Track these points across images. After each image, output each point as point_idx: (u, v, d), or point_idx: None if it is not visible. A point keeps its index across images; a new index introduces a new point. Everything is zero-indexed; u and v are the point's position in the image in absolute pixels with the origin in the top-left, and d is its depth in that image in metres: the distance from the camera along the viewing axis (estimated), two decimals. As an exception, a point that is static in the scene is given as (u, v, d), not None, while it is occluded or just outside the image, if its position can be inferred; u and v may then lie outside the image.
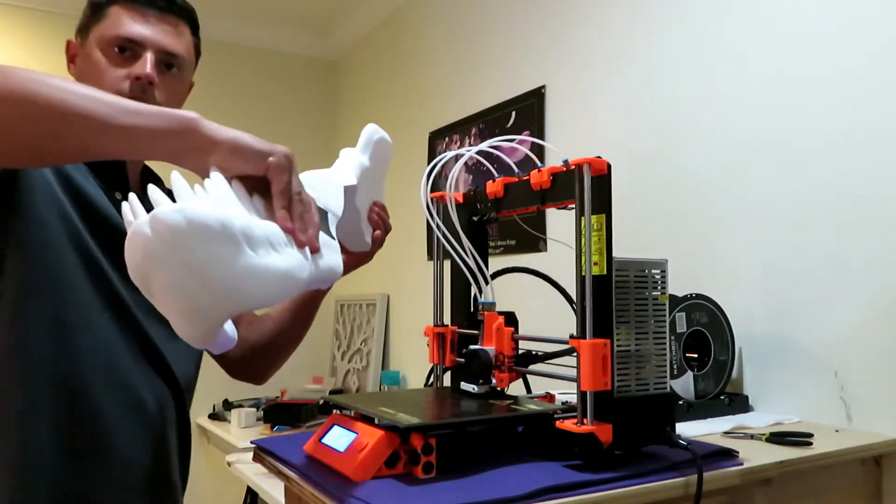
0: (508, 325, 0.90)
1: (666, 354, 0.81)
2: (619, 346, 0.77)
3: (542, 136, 1.92)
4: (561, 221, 1.66)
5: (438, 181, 0.96)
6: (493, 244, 2.04)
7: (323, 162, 0.84)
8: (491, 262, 1.00)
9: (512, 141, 0.95)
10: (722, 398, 1.25)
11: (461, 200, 0.99)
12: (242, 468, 2.00)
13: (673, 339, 1.20)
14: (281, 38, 3.22)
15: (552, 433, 0.77)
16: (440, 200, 0.98)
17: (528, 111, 1.99)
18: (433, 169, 0.94)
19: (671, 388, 0.93)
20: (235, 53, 3.12)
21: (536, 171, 0.86)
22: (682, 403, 1.18)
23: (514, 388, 0.92)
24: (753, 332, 1.32)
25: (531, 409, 0.82)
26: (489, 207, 0.95)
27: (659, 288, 0.81)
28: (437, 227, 0.94)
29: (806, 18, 1.26)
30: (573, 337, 0.76)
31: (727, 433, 1.05)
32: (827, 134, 1.22)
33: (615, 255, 0.77)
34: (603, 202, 0.77)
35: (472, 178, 2.14)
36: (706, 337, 1.25)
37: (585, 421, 0.74)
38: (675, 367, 1.20)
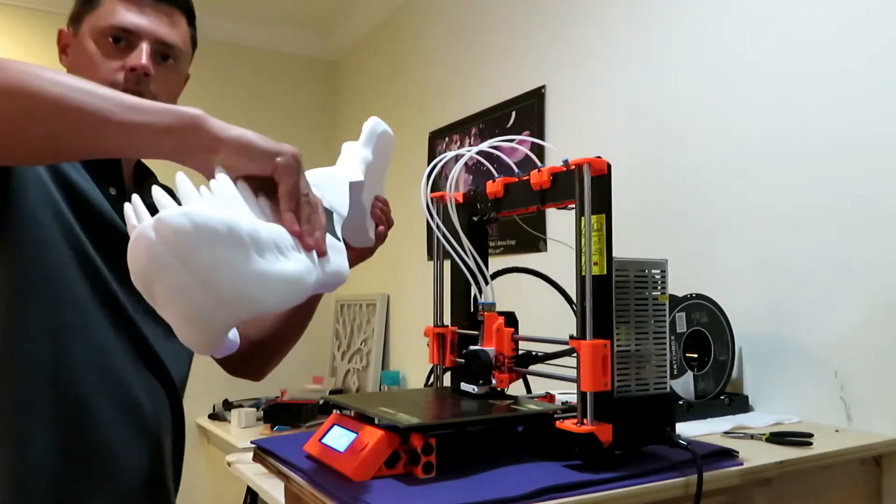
0: (508, 325, 0.90)
1: (666, 354, 0.81)
2: (619, 346, 0.77)
3: (542, 136, 1.92)
4: (561, 221, 1.66)
5: (438, 181, 0.96)
6: (493, 244, 2.04)
7: (323, 162, 0.82)
8: (491, 262, 1.00)
9: (512, 141, 0.95)
10: (722, 398, 1.25)
11: (461, 200, 0.99)
12: (242, 468, 2.00)
13: (673, 339, 1.20)
14: (281, 38, 3.22)
15: (552, 433, 0.77)
16: (440, 200, 0.98)
17: (528, 111, 1.99)
18: (433, 169, 0.94)
19: (671, 388, 0.93)
20: (235, 53, 3.12)
21: (536, 171, 0.86)
22: (682, 403, 1.18)
23: (514, 388, 0.92)
24: (753, 332, 1.32)
25: (531, 409, 0.82)
26: (489, 207, 0.95)
27: (659, 288, 0.81)
28: (437, 227, 0.94)
29: (806, 19, 1.26)
30: (573, 337, 0.77)
31: (727, 433, 1.05)
32: (827, 134, 1.22)
33: (615, 255, 0.77)
34: (603, 202, 0.77)
35: (472, 178, 2.15)
36: (706, 337, 1.25)
37: (585, 421, 0.75)
38: (675, 367, 1.20)
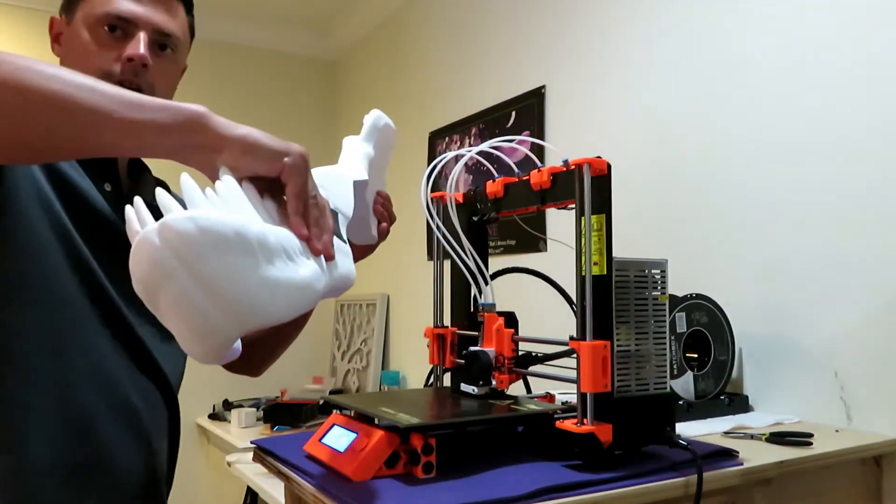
0: (508, 325, 0.90)
1: (666, 354, 0.81)
2: (619, 346, 0.77)
3: (542, 136, 1.92)
4: (561, 221, 1.66)
5: (438, 181, 0.95)
6: (493, 244, 2.04)
7: (323, 162, 0.79)
8: (491, 262, 1.00)
9: (512, 141, 0.95)
10: (722, 398, 1.25)
11: (461, 200, 0.99)
12: (242, 468, 2.00)
13: (673, 339, 1.20)
14: (281, 38, 3.22)
15: (552, 433, 0.77)
16: (440, 200, 0.98)
17: (528, 111, 1.99)
18: (433, 169, 0.94)
19: (671, 388, 0.93)
20: (235, 53, 3.13)
21: (536, 171, 0.86)
22: (682, 403, 1.18)
23: (514, 388, 0.92)
24: (753, 332, 1.32)
25: (531, 409, 0.82)
26: (489, 207, 0.95)
27: (659, 288, 0.81)
28: (437, 227, 0.94)
29: (806, 19, 1.26)
30: (573, 338, 0.77)
31: (727, 433, 1.05)
32: (827, 134, 1.22)
33: (615, 255, 0.77)
34: (603, 202, 0.77)
35: (472, 178, 2.15)
36: (706, 337, 1.25)
37: (585, 421, 0.75)
38: (675, 367, 1.20)
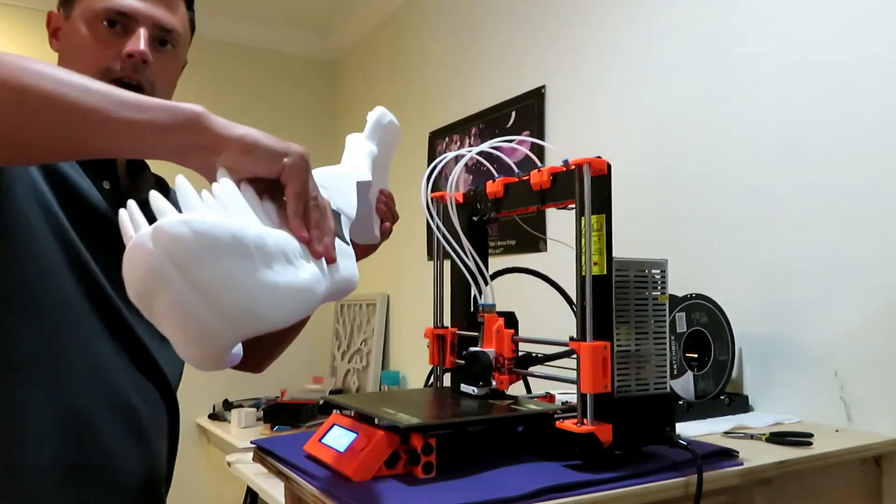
0: (508, 326, 0.90)
1: (666, 354, 0.81)
2: (619, 346, 0.77)
3: (542, 136, 1.92)
4: (561, 221, 1.66)
5: (439, 181, 0.95)
6: (493, 244, 2.04)
7: (323, 162, 0.79)
8: (491, 262, 1.00)
9: (512, 141, 0.95)
10: (722, 398, 1.25)
11: (461, 200, 0.99)
12: (242, 468, 2.00)
13: (673, 339, 1.20)
14: (281, 38, 3.22)
15: (552, 433, 0.77)
16: (440, 200, 0.98)
17: (528, 111, 1.99)
18: (433, 170, 0.93)
19: (671, 388, 0.93)
20: (235, 53, 3.12)
21: (536, 171, 0.86)
22: (682, 403, 1.18)
23: (514, 388, 0.92)
24: (753, 332, 1.32)
25: (531, 409, 0.82)
26: (489, 207, 0.95)
27: (659, 288, 0.81)
28: (437, 227, 0.94)
29: (806, 19, 1.26)
30: (573, 339, 0.77)
31: (727, 433, 1.05)
32: (827, 134, 1.22)
33: (615, 255, 0.77)
34: (603, 202, 0.77)
35: (472, 178, 2.15)
36: (706, 337, 1.25)
37: (585, 421, 0.75)
38: (675, 367, 1.20)
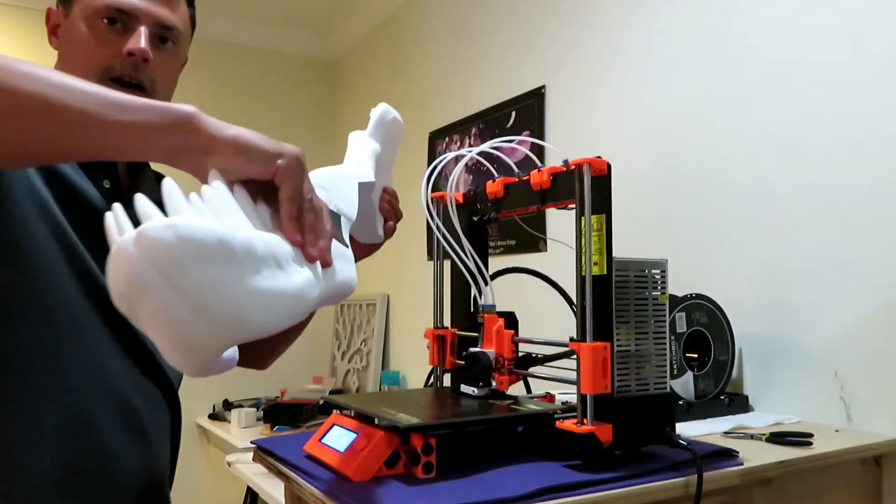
0: (508, 326, 0.90)
1: (666, 354, 0.81)
2: (619, 346, 0.77)
3: (542, 136, 1.92)
4: (561, 221, 1.66)
5: (439, 181, 0.95)
6: (493, 244, 2.04)
7: (323, 162, 0.78)
8: (491, 262, 1.00)
9: (512, 141, 0.95)
10: (722, 398, 1.25)
11: (461, 200, 0.99)
12: (242, 468, 2.00)
13: (673, 339, 1.20)
14: (281, 38, 3.22)
15: (552, 433, 0.77)
16: (440, 201, 0.98)
17: (528, 111, 1.99)
18: (434, 170, 0.93)
19: (671, 388, 0.93)
20: (235, 53, 3.13)
21: (536, 171, 0.86)
22: (682, 403, 1.18)
23: (514, 388, 0.92)
24: (753, 332, 1.32)
25: (531, 409, 0.82)
26: (489, 207, 0.95)
27: (659, 288, 0.81)
28: (437, 227, 0.94)
29: (806, 19, 1.26)
30: (573, 339, 0.77)
31: (727, 433, 1.05)
32: (827, 134, 1.22)
33: (615, 255, 0.77)
34: (603, 202, 0.77)
35: (472, 178, 2.15)
36: (706, 337, 1.25)
37: (585, 421, 0.75)
38: (675, 367, 1.20)
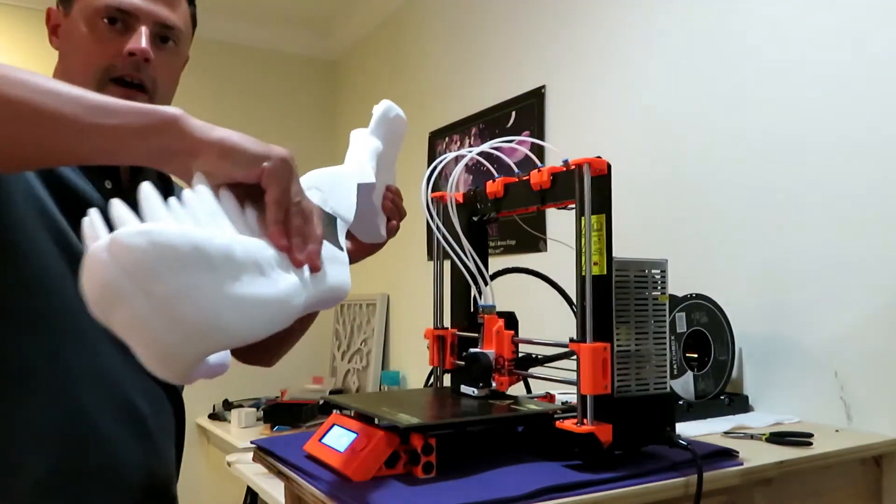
0: (508, 326, 0.90)
1: (666, 354, 0.81)
2: (619, 346, 0.77)
3: (542, 136, 1.92)
4: (561, 221, 1.66)
5: (439, 181, 0.95)
6: (493, 244, 2.04)
7: (322, 162, 0.78)
8: (491, 262, 1.00)
9: (512, 141, 0.95)
10: (722, 398, 1.25)
11: (461, 201, 0.99)
12: (242, 468, 2.00)
13: (673, 339, 1.20)
14: (281, 38, 3.22)
15: (552, 433, 0.78)
16: (440, 201, 0.98)
17: (528, 111, 1.99)
18: (434, 170, 0.93)
19: (671, 388, 0.93)
20: (235, 53, 3.12)
21: (536, 171, 0.86)
22: (682, 403, 1.18)
23: (514, 388, 0.92)
24: (753, 332, 1.32)
25: (531, 409, 0.82)
26: (489, 207, 0.95)
27: (659, 288, 0.81)
28: (437, 227, 0.94)
29: (806, 19, 1.26)
30: (573, 340, 0.77)
31: (727, 433, 1.05)
32: (827, 134, 1.22)
33: (615, 255, 0.77)
34: (603, 202, 0.77)
35: (472, 178, 2.15)
36: (706, 337, 1.25)
37: (585, 421, 0.75)
38: (675, 367, 1.20)
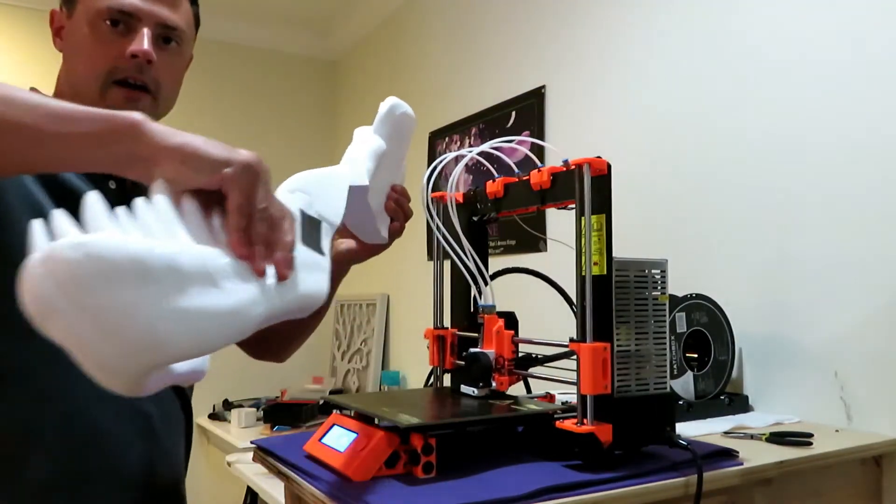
0: (508, 326, 0.90)
1: (666, 354, 0.81)
2: (619, 346, 0.77)
3: (542, 136, 1.92)
4: (561, 221, 1.66)
5: (439, 181, 0.95)
6: (493, 244, 2.04)
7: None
8: (491, 262, 1.00)
9: (512, 141, 0.95)
10: (722, 398, 1.25)
11: (461, 201, 0.99)
12: (242, 468, 2.00)
13: (673, 339, 1.20)
14: (281, 38, 3.22)
15: (552, 433, 0.77)
16: (440, 201, 0.98)
17: (528, 111, 1.99)
18: (434, 170, 0.93)
19: (671, 388, 0.93)
20: (235, 53, 3.12)
21: (536, 171, 0.86)
22: (682, 403, 1.18)
23: (514, 388, 0.92)
24: (753, 332, 1.32)
25: (531, 409, 0.82)
26: (489, 207, 0.95)
27: (659, 288, 0.81)
28: (437, 227, 0.94)
29: (806, 19, 1.26)
30: (573, 340, 0.77)
31: (727, 433, 1.05)
32: (827, 134, 1.22)
33: (615, 255, 0.77)
34: (603, 202, 0.77)
35: (472, 178, 2.14)
36: (706, 337, 1.25)
37: (585, 421, 0.75)
38: (675, 367, 1.20)
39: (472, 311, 0.96)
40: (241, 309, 0.53)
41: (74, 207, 0.80)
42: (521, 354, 0.90)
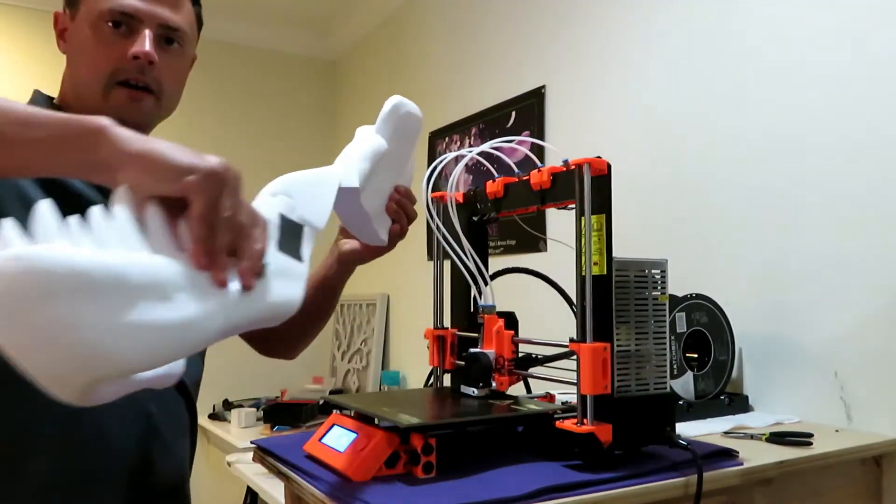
0: (508, 326, 0.90)
1: (666, 354, 0.81)
2: (619, 346, 0.77)
3: (542, 136, 1.92)
4: (561, 221, 1.66)
5: (439, 181, 0.95)
6: (493, 244, 2.04)
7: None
8: (491, 262, 1.00)
9: (512, 141, 0.95)
10: (722, 398, 1.25)
11: (461, 201, 0.99)
12: (242, 468, 2.00)
13: (673, 339, 1.20)
14: (281, 38, 3.22)
15: (552, 433, 0.78)
16: (440, 201, 0.98)
17: (528, 111, 1.99)
18: (434, 170, 0.93)
19: (671, 388, 0.93)
20: (235, 53, 3.12)
21: (536, 171, 0.86)
22: (682, 403, 1.18)
23: (514, 388, 0.92)
24: (753, 332, 1.32)
25: (531, 409, 0.82)
26: (489, 207, 0.95)
27: (659, 288, 0.81)
28: (437, 227, 0.94)
29: (806, 19, 1.26)
30: (573, 340, 0.77)
31: (727, 433, 1.05)
32: (827, 134, 1.22)
33: (615, 255, 0.77)
34: (603, 202, 0.77)
35: (472, 178, 2.14)
36: (706, 337, 1.25)
37: (585, 421, 0.75)
38: (675, 367, 1.20)
39: (472, 311, 0.96)
40: (193, 322, 0.52)
41: (74, 208, 0.79)
42: (521, 354, 0.90)
